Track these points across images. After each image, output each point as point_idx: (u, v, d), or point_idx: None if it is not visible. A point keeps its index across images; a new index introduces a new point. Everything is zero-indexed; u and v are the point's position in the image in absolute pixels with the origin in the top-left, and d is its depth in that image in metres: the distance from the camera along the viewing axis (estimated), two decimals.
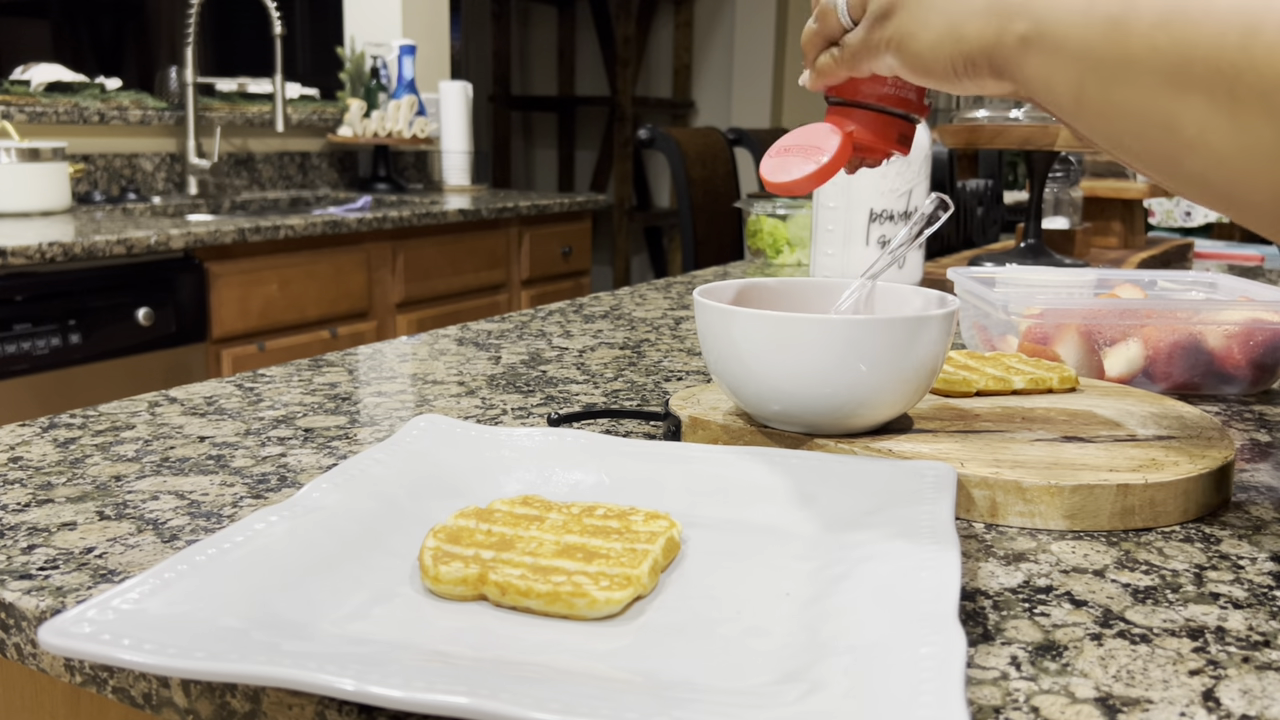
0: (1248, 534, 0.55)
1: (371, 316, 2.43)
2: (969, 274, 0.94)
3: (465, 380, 0.85)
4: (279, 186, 2.95)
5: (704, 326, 0.62)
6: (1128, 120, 0.45)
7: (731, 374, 0.61)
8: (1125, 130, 0.45)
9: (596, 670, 0.39)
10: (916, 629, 0.38)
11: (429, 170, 3.31)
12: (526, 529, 0.48)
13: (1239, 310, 0.80)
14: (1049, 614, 0.45)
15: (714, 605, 0.44)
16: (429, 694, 0.33)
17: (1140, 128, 0.44)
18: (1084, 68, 0.45)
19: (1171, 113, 0.43)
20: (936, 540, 0.45)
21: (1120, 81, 0.44)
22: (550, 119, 5.49)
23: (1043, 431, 0.63)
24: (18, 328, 1.72)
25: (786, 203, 1.57)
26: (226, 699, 0.41)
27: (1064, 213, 1.58)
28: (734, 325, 0.59)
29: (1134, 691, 0.39)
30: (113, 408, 0.75)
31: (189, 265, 1.99)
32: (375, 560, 0.47)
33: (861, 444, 0.60)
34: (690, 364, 0.92)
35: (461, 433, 0.59)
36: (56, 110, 2.40)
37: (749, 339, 0.59)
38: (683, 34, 5.08)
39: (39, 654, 0.45)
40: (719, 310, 0.60)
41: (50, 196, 2.20)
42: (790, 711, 0.34)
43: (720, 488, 0.55)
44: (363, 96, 3.02)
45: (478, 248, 2.70)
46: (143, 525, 0.53)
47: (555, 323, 1.11)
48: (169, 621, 0.37)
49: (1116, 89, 0.44)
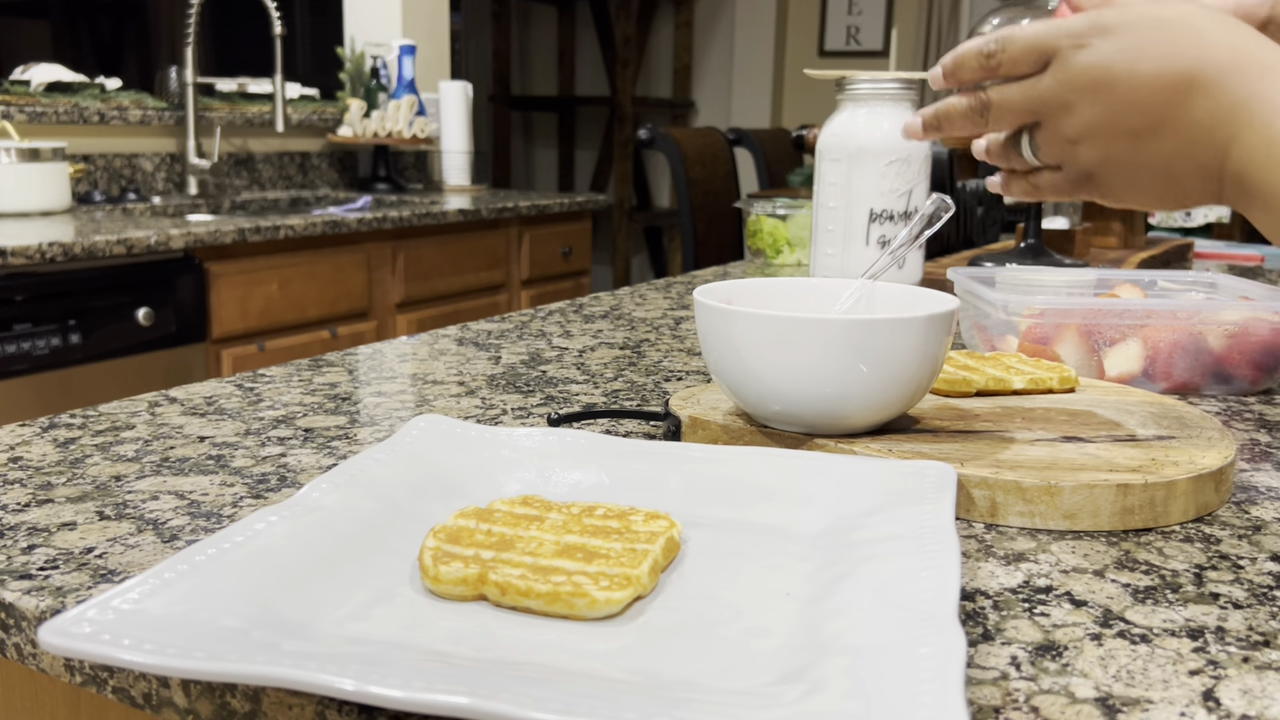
0: (1248, 534, 0.55)
1: (371, 316, 2.43)
2: (969, 274, 0.94)
3: (465, 380, 0.85)
4: (279, 186, 2.95)
5: (704, 326, 0.62)
6: None
7: (731, 374, 0.61)
8: None
9: (596, 670, 0.39)
10: (916, 629, 0.38)
11: (429, 170, 3.31)
12: (526, 529, 0.48)
13: (1239, 310, 0.80)
14: (1049, 614, 0.45)
15: (714, 605, 0.44)
16: (429, 694, 0.33)
17: None
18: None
19: None
20: (936, 540, 0.45)
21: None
22: (550, 119, 5.49)
23: (1043, 431, 0.63)
24: (18, 328, 1.72)
25: (786, 203, 1.57)
26: (226, 699, 0.41)
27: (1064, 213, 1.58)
28: (734, 325, 0.59)
29: (1134, 691, 0.39)
30: (113, 408, 0.75)
31: (189, 265, 2.00)
32: (375, 560, 0.47)
33: (861, 444, 0.60)
34: (690, 364, 0.92)
35: (461, 433, 0.59)
36: (56, 110, 2.40)
37: (749, 339, 0.59)
38: (683, 34, 5.08)
39: (39, 654, 0.45)
40: (719, 310, 0.60)
41: (50, 196, 2.20)
42: (790, 711, 0.34)
43: (720, 488, 0.55)
44: (363, 96, 3.02)
45: (478, 248, 2.70)
46: (143, 525, 0.53)
47: (555, 323, 1.11)
48: (169, 621, 0.37)
49: None
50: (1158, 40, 0.48)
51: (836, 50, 4.87)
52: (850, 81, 1.19)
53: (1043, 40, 0.51)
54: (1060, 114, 0.51)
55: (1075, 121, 0.51)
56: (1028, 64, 0.52)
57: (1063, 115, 0.51)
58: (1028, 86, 0.52)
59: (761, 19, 4.91)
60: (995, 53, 0.52)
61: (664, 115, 5.15)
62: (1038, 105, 0.52)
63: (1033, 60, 0.51)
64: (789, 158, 3.80)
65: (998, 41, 0.52)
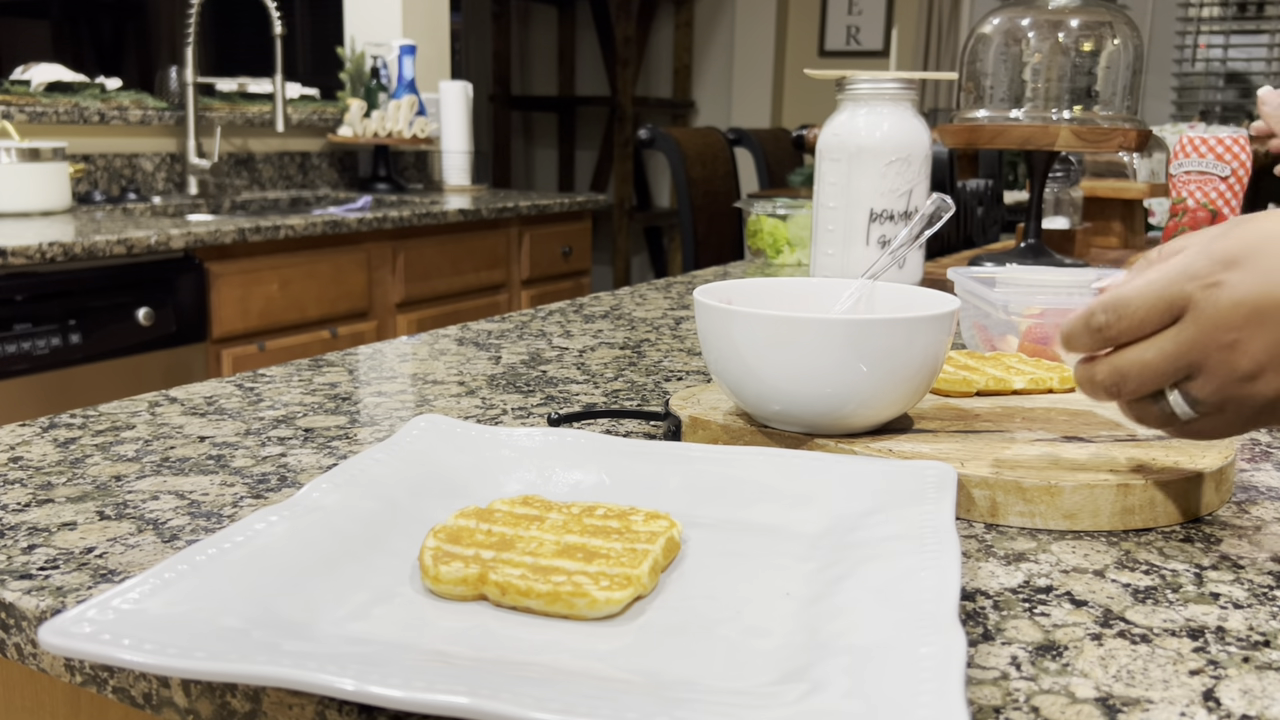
0: (1248, 534, 0.55)
1: (371, 316, 2.43)
2: (969, 274, 0.94)
3: (465, 380, 0.85)
4: (279, 186, 2.95)
5: (704, 326, 0.62)
6: None
7: (731, 374, 0.61)
8: None
9: (596, 670, 0.39)
10: (916, 629, 0.38)
11: (429, 170, 3.31)
12: (526, 529, 0.48)
13: None
14: (1049, 614, 0.45)
15: (714, 605, 0.44)
16: (429, 694, 0.33)
17: None
18: None
19: None
20: (937, 540, 0.45)
21: None
22: (550, 119, 5.49)
23: (1043, 431, 0.63)
24: (18, 328, 1.72)
25: (786, 203, 1.57)
26: (226, 699, 0.41)
27: (1064, 213, 1.58)
28: (734, 325, 0.59)
29: (1134, 691, 0.39)
30: (113, 408, 0.75)
31: (189, 265, 2.00)
32: (375, 560, 0.47)
33: (861, 444, 0.60)
34: (690, 364, 0.92)
35: (461, 433, 0.59)
36: (56, 110, 2.40)
37: (749, 339, 0.59)
38: (683, 34, 5.08)
39: (39, 654, 0.45)
40: (719, 310, 0.60)
41: (50, 196, 2.20)
42: (790, 711, 0.34)
43: (720, 488, 0.55)
44: (363, 96, 3.02)
45: (478, 248, 2.70)
46: (143, 525, 0.53)
47: (555, 323, 1.11)
48: (169, 621, 0.37)
49: None
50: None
51: (836, 50, 4.87)
52: (850, 81, 1.19)
53: (1169, 293, 0.48)
54: (1226, 355, 0.47)
55: (1247, 358, 0.47)
56: (1155, 323, 0.48)
57: (1230, 356, 0.47)
58: (1166, 344, 0.48)
59: (761, 19, 4.91)
60: (1110, 324, 0.49)
61: (664, 115, 5.15)
62: (1189, 358, 0.48)
63: (1159, 318, 0.48)
64: (789, 158, 3.81)
65: (1107, 310, 0.49)
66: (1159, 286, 0.48)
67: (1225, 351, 0.47)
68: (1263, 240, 0.46)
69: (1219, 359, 0.47)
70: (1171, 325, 0.48)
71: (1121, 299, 0.48)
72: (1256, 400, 0.48)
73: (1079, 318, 0.50)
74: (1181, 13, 4.47)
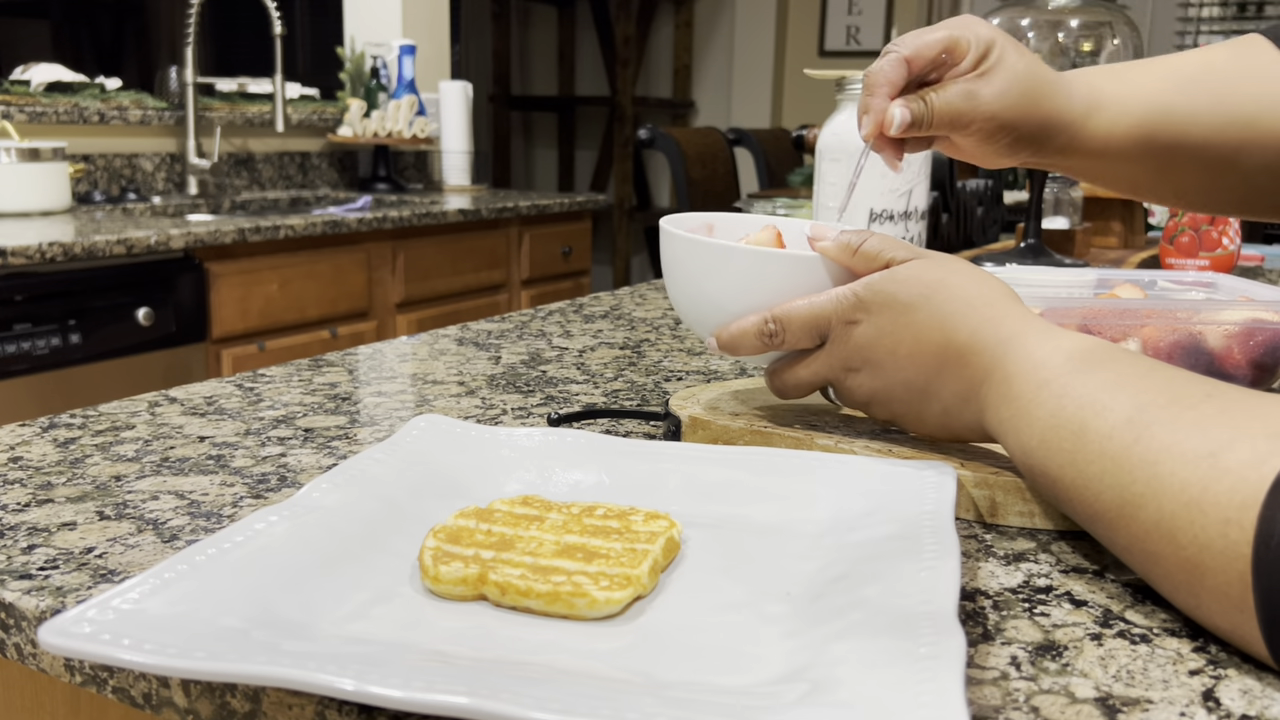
0: None
1: (371, 316, 2.43)
2: None
3: (465, 380, 0.85)
4: (279, 186, 2.95)
5: (663, 254, 0.65)
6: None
7: (674, 298, 0.65)
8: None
9: (596, 670, 0.39)
10: (916, 629, 0.38)
11: (429, 170, 3.31)
12: (526, 529, 0.48)
13: (1239, 310, 0.80)
14: (1049, 614, 0.45)
15: (714, 605, 0.44)
16: (429, 694, 0.33)
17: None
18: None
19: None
20: (936, 540, 0.45)
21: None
22: (550, 119, 5.49)
23: None
24: (18, 328, 1.72)
25: (786, 203, 1.57)
26: (226, 699, 0.41)
27: (1064, 213, 1.58)
28: (671, 248, 0.64)
29: (1134, 691, 0.39)
30: (113, 408, 0.75)
31: (189, 265, 2.00)
32: (375, 560, 0.47)
33: (862, 444, 0.60)
34: (690, 364, 0.92)
35: (461, 433, 0.59)
36: (56, 110, 2.40)
37: (680, 263, 0.63)
38: (683, 34, 5.08)
39: (39, 654, 0.45)
40: (670, 235, 0.64)
41: (50, 196, 2.20)
42: (790, 712, 0.34)
43: (720, 488, 0.55)
44: (363, 96, 3.02)
45: (478, 248, 2.70)
46: (143, 525, 0.53)
47: (555, 323, 1.11)
48: (169, 621, 0.37)
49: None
50: (908, 324, 0.56)
51: (836, 50, 4.87)
52: (850, 81, 1.19)
53: (820, 322, 0.59)
54: (849, 380, 0.59)
55: (862, 390, 0.59)
56: (807, 341, 0.60)
57: (851, 380, 0.59)
58: (816, 366, 0.60)
59: (761, 19, 4.91)
60: (776, 332, 0.60)
61: (664, 115, 5.15)
62: (826, 378, 0.60)
63: (810, 338, 0.59)
64: (789, 158, 3.81)
65: (775, 322, 0.60)
66: (815, 311, 0.58)
67: (849, 375, 0.59)
68: (889, 303, 0.56)
69: (844, 382, 0.60)
70: (820, 347, 0.60)
71: (787, 315, 0.59)
72: (876, 414, 0.60)
73: (753, 324, 0.60)
74: (1181, 13, 4.47)
